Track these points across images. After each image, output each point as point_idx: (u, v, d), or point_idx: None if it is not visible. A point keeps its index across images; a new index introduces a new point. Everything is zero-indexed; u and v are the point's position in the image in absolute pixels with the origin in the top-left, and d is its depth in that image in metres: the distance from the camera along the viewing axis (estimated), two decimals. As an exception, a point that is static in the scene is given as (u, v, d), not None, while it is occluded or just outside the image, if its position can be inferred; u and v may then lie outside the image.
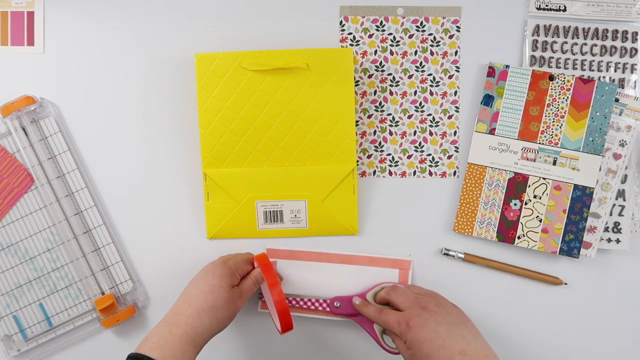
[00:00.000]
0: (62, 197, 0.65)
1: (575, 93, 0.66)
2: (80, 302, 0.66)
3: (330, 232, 0.67)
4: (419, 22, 0.68)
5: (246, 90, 0.65)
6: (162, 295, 0.67)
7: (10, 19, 0.67)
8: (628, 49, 0.68)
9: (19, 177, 0.65)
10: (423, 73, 0.68)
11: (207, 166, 0.66)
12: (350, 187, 0.66)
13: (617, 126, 0.67)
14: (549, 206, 0.66)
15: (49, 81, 0.67)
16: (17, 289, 0.65)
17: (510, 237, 0.67)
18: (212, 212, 0.66)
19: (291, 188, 0.66)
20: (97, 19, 0.67)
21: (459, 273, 0.68)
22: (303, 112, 0.65)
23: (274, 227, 0.67)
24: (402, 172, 0.68)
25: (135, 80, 0.67)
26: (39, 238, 0.65)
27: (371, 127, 0.68)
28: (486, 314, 0.68)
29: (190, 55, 0.66)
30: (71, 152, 0.66)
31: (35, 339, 0.65)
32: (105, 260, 0.66)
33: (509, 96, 0.67)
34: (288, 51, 0.65)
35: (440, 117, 0.68)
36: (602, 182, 0.67)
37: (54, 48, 0.67)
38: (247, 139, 0.66)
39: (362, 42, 0.68)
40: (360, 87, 0.68)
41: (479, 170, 0.67)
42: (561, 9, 0.68)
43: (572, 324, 0.68)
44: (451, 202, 0.68)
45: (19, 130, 0.65)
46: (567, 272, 0.68)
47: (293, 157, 0.66)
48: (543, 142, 0.67)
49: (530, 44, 0.68)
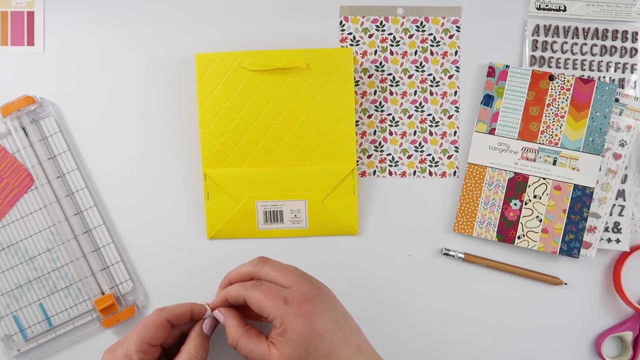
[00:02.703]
0: (62, 197, 0.65)
1: (575, 93, 0.66)
2: (80, 302, 0.66)
3: (330, 232, 0.67)
4: (419, 22, 0.68)
5: (246, 90, 0.65)
6: (162, 295, 0.67)
7: (10, 19, 0.67)
8: (628, 49, 0.68)
9: (19, 177, 0.65)
10: (423, 73, 0.68)
11: (207, 166, 0.66)
12: (350, 187, 0.66)
13: (617, 126, 0.67)
14: (549, 206, 0.66)
15: (49, 81, 0.67)
16: (17, 289, 0.65)
17: (510, 237, 0.67)
18: (212, 212, 0.66)
19: (291, 188, 0.66)
20: (97, 19, 0.67)
21: (459, 273, 0.68)
22: (303, 112, 0.65)
23: (274, 227, 0.67)
24: (402, 172, 0.68)
25: (135, 80, 0.67)
26: (39, 238, 0.65)
27: (371, 127, 0.68)
28: (486, 314, 0.68)
29: (190, 55, 0.66)
30: (71, 152, 0.66)
31: (35, 339, 0.65)
32: (105, 260, 0.66)
33: (509, 96, 0.67)
34: (288, 51, 0.65)
35: (440, 117, 0.68)
36: (602, 182, 0.67)
37: (54, 48, 0.67)
38: (247, 139, 0.66)
39: (362, 42, 0.68)
40: (360, 87, 0.68)
41: (479, 170, 0.67)
42: (561, 9, 0.68)
43: (572, 324, 0.68)
44: (451, 202, 0.68)
45: (19, 130, 0.65)
46: (567, 272, 0.68)
47: (293, 157, 0.66)
48: (543, 142, 0.67)
49: (530, 44, 0.68)
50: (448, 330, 0.68)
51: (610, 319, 0.68)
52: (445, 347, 0.68)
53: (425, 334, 0.68)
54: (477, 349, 0.68)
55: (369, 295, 0.68)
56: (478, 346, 0.68)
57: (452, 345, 0.68)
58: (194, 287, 0.67)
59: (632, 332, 0.67)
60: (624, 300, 0.66)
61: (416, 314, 0.68)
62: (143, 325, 0.47)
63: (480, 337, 0.68)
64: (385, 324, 0.68)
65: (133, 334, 0.47)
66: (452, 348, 0.68)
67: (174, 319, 0.49)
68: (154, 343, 0.47)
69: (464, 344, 0.68)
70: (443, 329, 0.68)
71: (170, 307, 0.49)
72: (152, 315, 0.48)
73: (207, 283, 0.67)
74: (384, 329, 0.68)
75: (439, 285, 0.68)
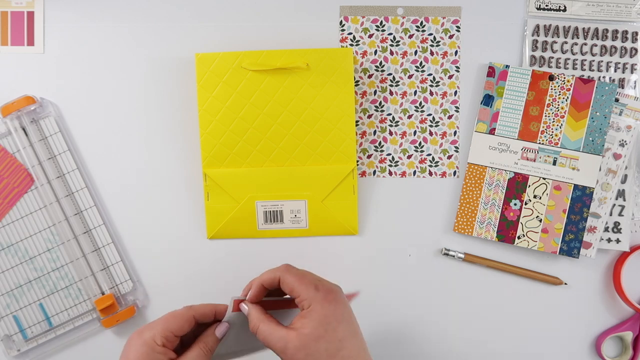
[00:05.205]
0: (62, 197, 0.65)
1: (575, 93, 0.66)
2: (80, 302, 0.66)
3: (330, 232, 0.67)
4: (419, 22, 0.68)
5: (246, 90, 0.65)
6: (162, 295, 0.67)
7: (10, 19, 0.67)
8: (628, 49, 0.68)
9: (19, 177, 0.65)
10: (423, 73, 0.68)
11: (207, 166, 0.66)
12: (350, 187, 0.66)
13: (617, 126, 0.67)
14: (549, 206, 0.66)
15: (49, 81, 0.67)
16: (17, 289, 0.65)
17: (510, 237, 0.67)
18: (212, 212, 0.66)
19: (291, 188, 0.66)
20: (97, 19, 0.67)
21: (459, 273, 0.68)
22: (303, 112, 0.65)
23: (274, 227, 0.67)
24: (402, 172, 0.68)
25: (135, 80, 0.67)
26: (39, 238, 0.65)
27: (371, 127, 0.68)
28: (486, 314, 0.68)
29: (190, 55, 0.66)
30: (71, 152, 0.66)
31: (35, 339, 0.65)
32: (105, 260, 0.66)
33: (509, 96, 0.67)
34: (288, 51, 0.65)
35: (440, 117, 0.68)
36: (602, 182, 0.67)
37: (54, 48, 0.67)
38: (247, 139, 0.66)
39: (362, 42, 0.68)
40: (360, 87, 0.68)
41: (479, 170, 0.67)
42: (561, 9, 0.68)
43: (572, 324, 0.68)
44: (451, 202, 0.68)
45: (19, 130, 0.65)
46: (567, 272, 0.68)
47: (293, 157, 0.66)
48: (543, 142, 0.67)
49: (530, 44, 0.68)
50: (448, 330, 0.68)
51: (610, 319, 0.68)
52: (445, 346, 0.68)
53: (425, 334, 0.68)
54: (477, 348, 0.68)
55: (369, 295, 0.68)
56: (478, 346, 0.68)
57: (452, 345, 0.68)
58: (194, 286, 0.67)
59: (632, 332, 0.67)
60: (624, 300, 0.66)
61: (416, 314, 0.68)
62: (172, 317, 0.52)
63: (480, 337, 0.68)
64: (385, 324, 0.68)
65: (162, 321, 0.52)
66: (452, 348, 0.68)
67: (199, 316, 0.53)
68: (178, 334, 0.51)
69: (464, 343, 0.68)
70: (443, 329, 0.68)
71: (197, 306, 0.54)
72: (182, 310, 0.53)
73: (207, 283, 0.67)
74: (384, 329, 0.68)
75: (439, 285, 0.68)
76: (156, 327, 0.50)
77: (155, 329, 0.50)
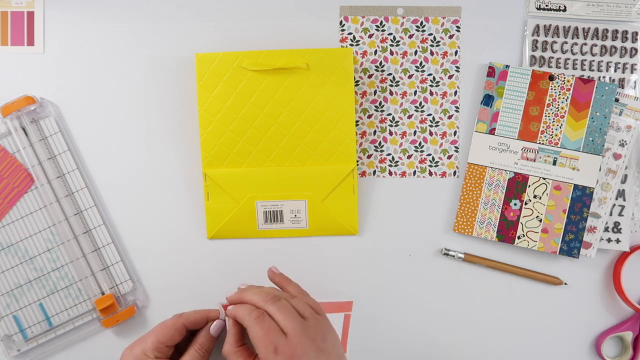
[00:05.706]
0: (62, 197, 0.65)
1: (575, 93, 0.66)
2: (80, 302, 0.66)
3: (330, 232, 0.67)
4: (419, 22, 0.68)
5: (246, 90, 0.65)
6: (162, 295, 0.67)
7: (10, 19, 0.67)
8: (628, 49, 0.68)
9: (19, 177, 0.65)
10: (423, 73, 0.68)
11: (207, 166, 0.66)
12: (350, 187, 0.66)
13: (617, 126, 0.67)
14: (549, 206, 0.66)
15: (49, 81, 0.67)
16: (17, 289, 0.65)
17: (510, 237, 0.67)
18: (212, 212, 0.66)
19: (291, 188, 0.66)
20: (97, 19, 0.67)
21: (459, 273, 0.68)
22: (303, 112, 0.65)
23: (274, 227, 0.67)
24: (402, 172, 0.68)
25: (135, 80, 0.67)
26: (39, 238, 0.65)
27: (371, 127, 0.68)
28: (486, 314, 0.68)
29: (190, 55, 0.66)
30: (71, 152, 0.66)
31: (35, 339, 0.65)
32: (105, 260, 0.66)
33: (509, 96, 0.67)
34: (288, 51, 0.65)
35: (440, 117, 0.68)
36: (602, 182, 0.67)
37: (54, 48, 0.67)
38: (247, 139, 0.66)
39: (362, 42, 0.68)
40: (360, 87, 0.68)
41: (479, 170, 0.67)
42: (561, 9, 0.68)
43: (572, 324, 0.68)
44: (451, 202, 0.68)
45: (19, 130, 0.65)
46: (567, 272, 0.68)
47: (293, 157, 0.66)
48: (543, 142, 0.67)
49: (530, 44, 0.68)
50: (448, 330, 0.68)
51: (610, 319, 0.68)
52: (445, 346, 0.68)
53: (426, 334, 0.68)
54: (477, 348, 0.68)
55: (369, 295, 0.68)
56: (478, 346, 0.68)
57: (452, 344, 0.68)
58: (194, 287, 0.67)
59: (632, 332, 0.67)
60: (624, 300, 0.66)
61: (416, 314, 0.68)
62: (162, 327, 0.52)
63: (481, 336, 0.68)
64: (385, 324, 0.68)
65: (151, 334, 0.51)
66: (453, 348, 0.68)
67: (190, 324, 0.53)
68: (169, 344, 0.51)
69: (464, 343, 0.68)
70: (443, 329, 0.68)
71: (187, 314, 0.53)
72: (171, 319, 0.52)
73: (207, 283, 0.67)
74: (384, 329, 0.68)
75: (439, 285, 0.68)
76: (147, 341, 0.51)
77: (146, 342, 0.50)
